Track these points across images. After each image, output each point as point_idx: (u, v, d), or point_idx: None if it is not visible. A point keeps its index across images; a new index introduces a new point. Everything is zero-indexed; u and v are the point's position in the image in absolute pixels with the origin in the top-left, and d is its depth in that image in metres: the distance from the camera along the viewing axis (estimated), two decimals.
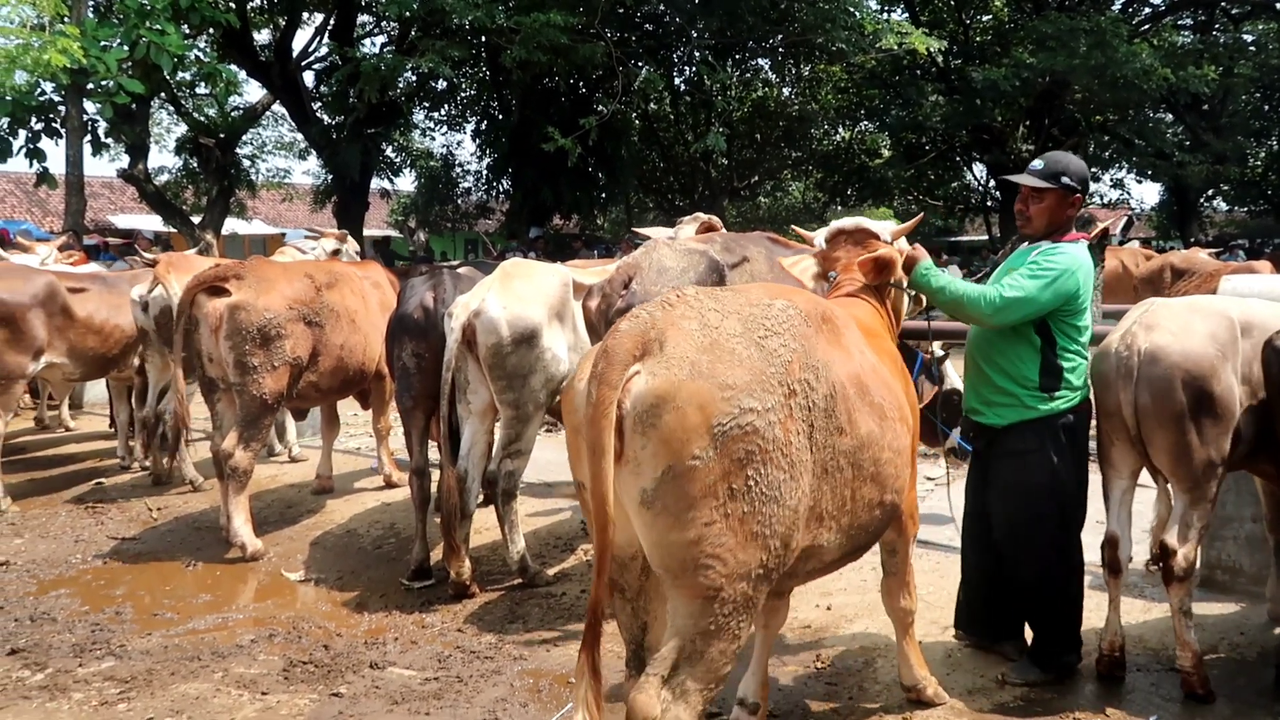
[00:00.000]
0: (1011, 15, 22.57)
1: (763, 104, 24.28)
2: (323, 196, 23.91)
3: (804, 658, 4.53)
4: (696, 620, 2.63)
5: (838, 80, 23.87)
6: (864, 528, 3.14)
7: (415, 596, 5.43)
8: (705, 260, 5.23)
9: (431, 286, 5.82)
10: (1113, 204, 31.99)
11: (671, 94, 23.05)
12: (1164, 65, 18.18)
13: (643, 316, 2.75)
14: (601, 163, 20.32)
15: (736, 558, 2.61)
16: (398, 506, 6.92)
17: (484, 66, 21.39)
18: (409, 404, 5.80)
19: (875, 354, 3.28)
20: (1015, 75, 17.95)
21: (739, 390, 2.61)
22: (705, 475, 2.57)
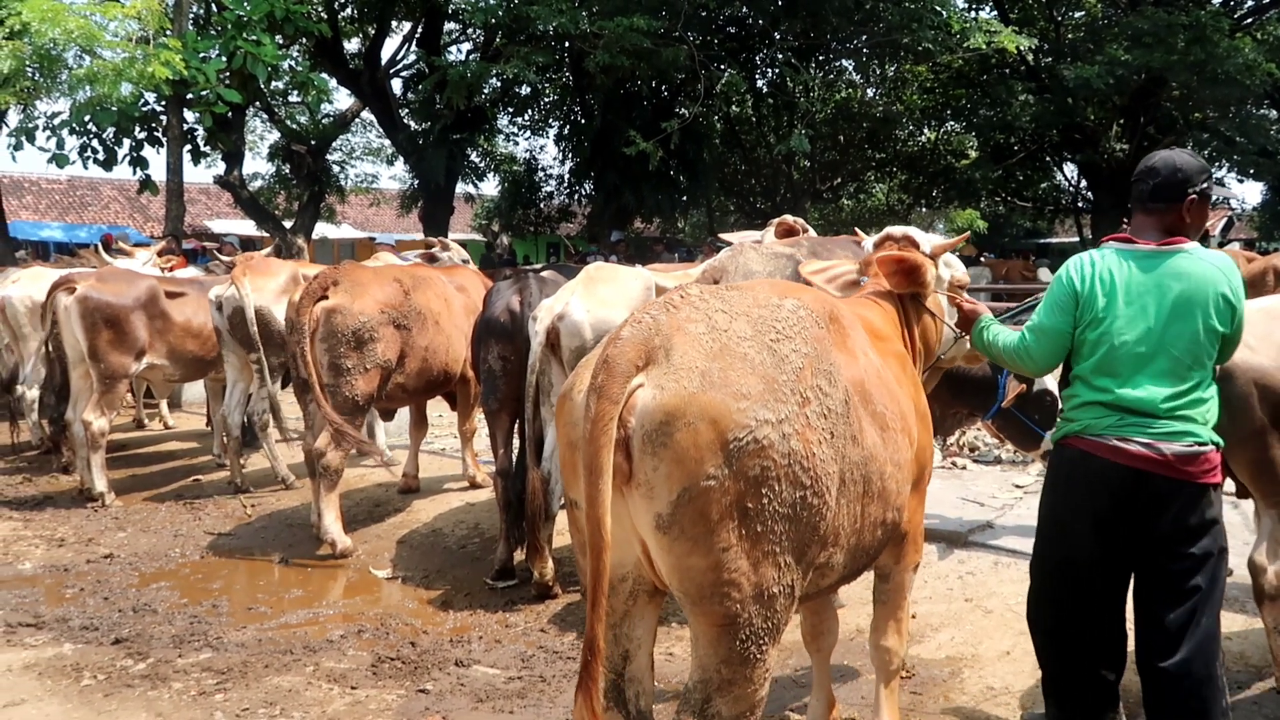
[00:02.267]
0: (1105, 11, 21.96)
1: (846, 105, 24.01)
2: (409, 201, 24.36)
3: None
4: (717, 647, 2.46)
5: (923, 80, 23.51)
6: (867, 549, 2.88)
7: (499, 596, 5.51)
8: (792, 264, 5.19)
9: (517, 290, 5.90)
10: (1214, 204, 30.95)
11: (754, 96, 22.95)
12: (1269, 60, 17.49)
13: (646, 321, 2.50)
14: (683, 166, 20.32)
15: (752, 581, 2.41)
16: (482, 507, 7.01)
17: (567, 72, 21.57)
18: (494, 406, 5.88)
19: (881, 357, 3.09)
20: (1109, 73, 17.43)
21: (753, 401, 2.38)
22: (723, 495, 2.35)
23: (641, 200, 19.80)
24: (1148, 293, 3.14)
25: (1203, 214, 3.27)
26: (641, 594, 2.68)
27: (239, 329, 7.54)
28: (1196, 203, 3.21)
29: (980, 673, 4.39)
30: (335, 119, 21.89)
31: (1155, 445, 3.11)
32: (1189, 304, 3.10)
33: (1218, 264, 3.14)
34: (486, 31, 19.38)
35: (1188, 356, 3.11)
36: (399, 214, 28.00)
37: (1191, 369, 3.12)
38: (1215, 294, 3.10)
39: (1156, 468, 3.13)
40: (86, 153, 15.04)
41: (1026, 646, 4.56)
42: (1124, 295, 3.16)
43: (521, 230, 26.89)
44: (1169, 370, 3.12)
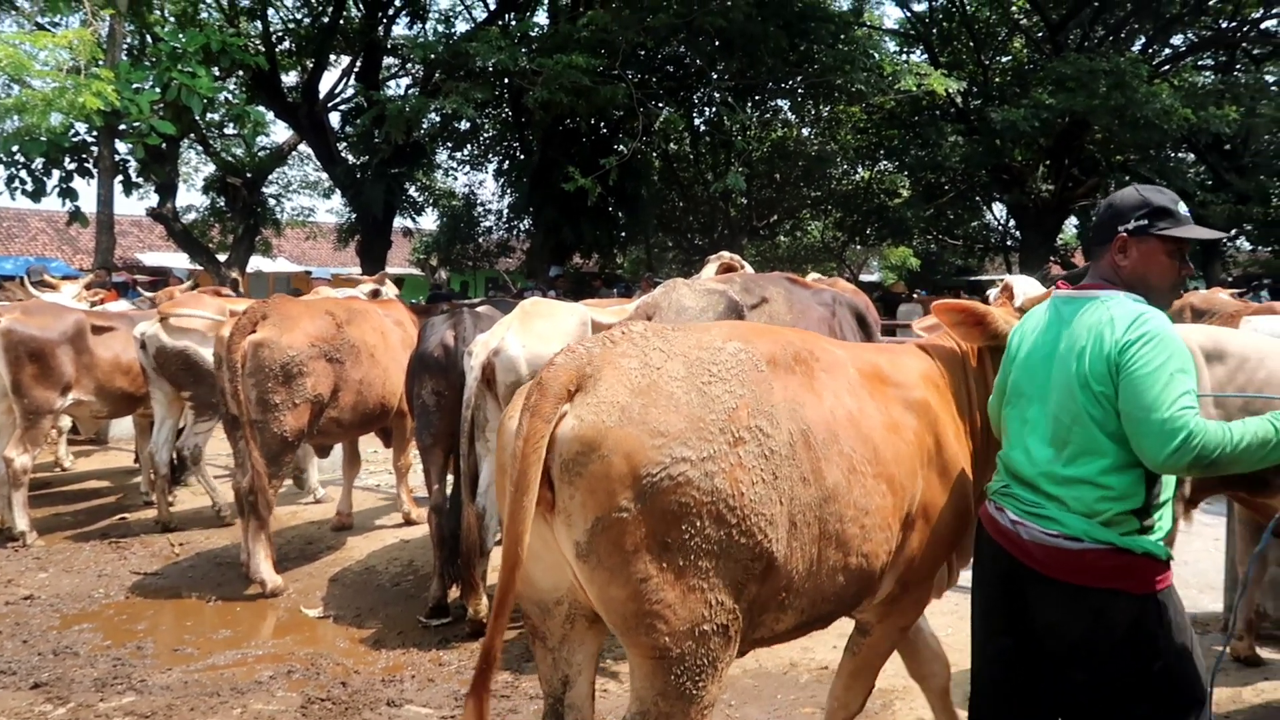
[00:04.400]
0: (1031, 56, 22.71)
1: (782, 144, 24.44)
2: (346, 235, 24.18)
3: (820, 698, 4.50)
4: (651, 681, 2.49)
5: (857, 120, 24.01)
6: (829, 595, 2.79)
7: (433, 634, 5.45)
8: (724, 300, 5.27)
9: (451, 325, 5.90)
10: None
11: (691, 134, 23.27)
12: (1185, 105, 18.18)
13: (580, 352, 2.57)
14: (621, 202, 20.48)
15: (679, 616, 2.43)
16: (416, 543, 6.95)
17: (506, 107, 21.68)
18: (428, 441, 5.86)
19: (871, 401, 2.95)
20: (1035, 116, 17.99)
21: (671, 438, 2.41)
22: (636, 528, 2.38)
23: (580, 236, 19.89)
24: (1046, 346, 2.75)
25: (1145, 256, 2.68)
26: (579, 619, 2.71)
27: (164, 366, 7.43)
28: (1129, 242, 2.68)
29: (911, 704, 4.45)
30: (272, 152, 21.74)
31: (1019, 523, 2.72)
32: (1071, 358, 2.64)
33: (1115, 314, 2.59)
34: (426, 67, 19.43)
35: (1065, 417, 2.65)
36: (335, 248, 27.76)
37: (1071, 433, 2.63)
38: (1096, 349, 2.57)
39: (1017, 552, 2.73)
40: (14, 183, 14.78)
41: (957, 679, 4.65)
42: (1029, 350, 2.83)
43: (460, 265, 26.81)
44: (1050, 434, 2.69)
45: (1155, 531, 2.63)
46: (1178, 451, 2.40)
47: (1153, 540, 2.61)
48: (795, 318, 5.55)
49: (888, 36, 24.21)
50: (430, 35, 20.21)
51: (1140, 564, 2.59)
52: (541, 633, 2.78)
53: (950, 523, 3.09)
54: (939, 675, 3.57)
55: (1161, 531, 2.65)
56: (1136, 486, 2.59)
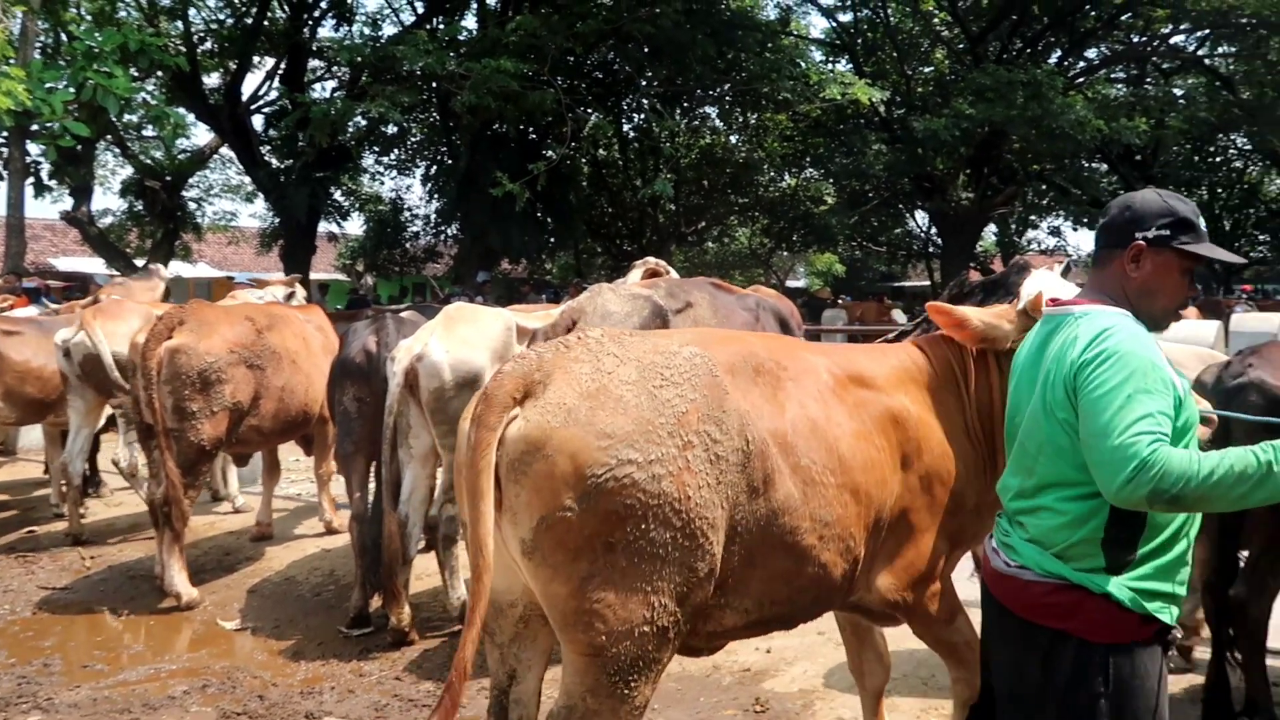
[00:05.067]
0: (952, 67, 23.17)
1: (710, 151, 24.60)
2: (269, 240, 23.76)
3: (743, 700, 4.54)
4: (583, 677, 2.52)
5: (783, 128, 24.27)
6: (782, 601, 2.83)
7: (354, 644, 5.36)
8: (649, 305, 5.29)
9: (374, 331, 5.83)
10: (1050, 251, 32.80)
11: (620, 140, 23.30)
12: (1098, 117, 18.72)
13: (531, 358, 2.62)
14: (550, 208, 20.43)
15: (618, 615, 2.46)
16: (338, 553, 6.84)
17: (434, 112, 21.49)
18: (350, 449, 5.78)
19: (840, 409, 2.93)
20: (955, 125, 18.37)
21: (617, 440, 2.44)
22: (580, 528, 2.42)
23: (508, 241, 19.78)
24: (1028, 369, 2.53)
25: (1159, 270, 2.39)
26: (533, 619, 2.75)
27: (92, 375, 7.20)
28: (1145, 252, 2.38)
29: (831, 704, 4.50)
30: (192, 154, 21.27)
31: (994, 551, 2.56)
32: (1041, 384, 2.43)
33: (1079, 332, 2.34)
34: (352, 69, 19.17)
35: (1031, 445, 2.44)
36: (258, 252, 27.26)
37: (1036, 463, 2.42)
38: (1058, 373, 2.34)
39: (989, 582, 2.58)
40: None
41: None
42: (1018, 370, 2.60)
43: (386, 270, 26.51)
44: (1019, 461, 2.51)
45: (1136, 577, 2.30)
46: (1131, 482, 2.11)
47: (1122, 584, 2.29)
48: (720, 322, 5.59)
49: (814, 46, 24.53)
50: (356, 38, 19.95)
51: (1097, 607, 2.30)
52: (491, 629, 2.80)
53: (936, 524, 3.07)
54: (877, 676, 3.59)
55: (1149, 580, 2.31)
56: (1094, 514, 2.31)
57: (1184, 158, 29.26)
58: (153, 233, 19.63)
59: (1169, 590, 2.35)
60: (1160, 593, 2.33)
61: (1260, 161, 30.04)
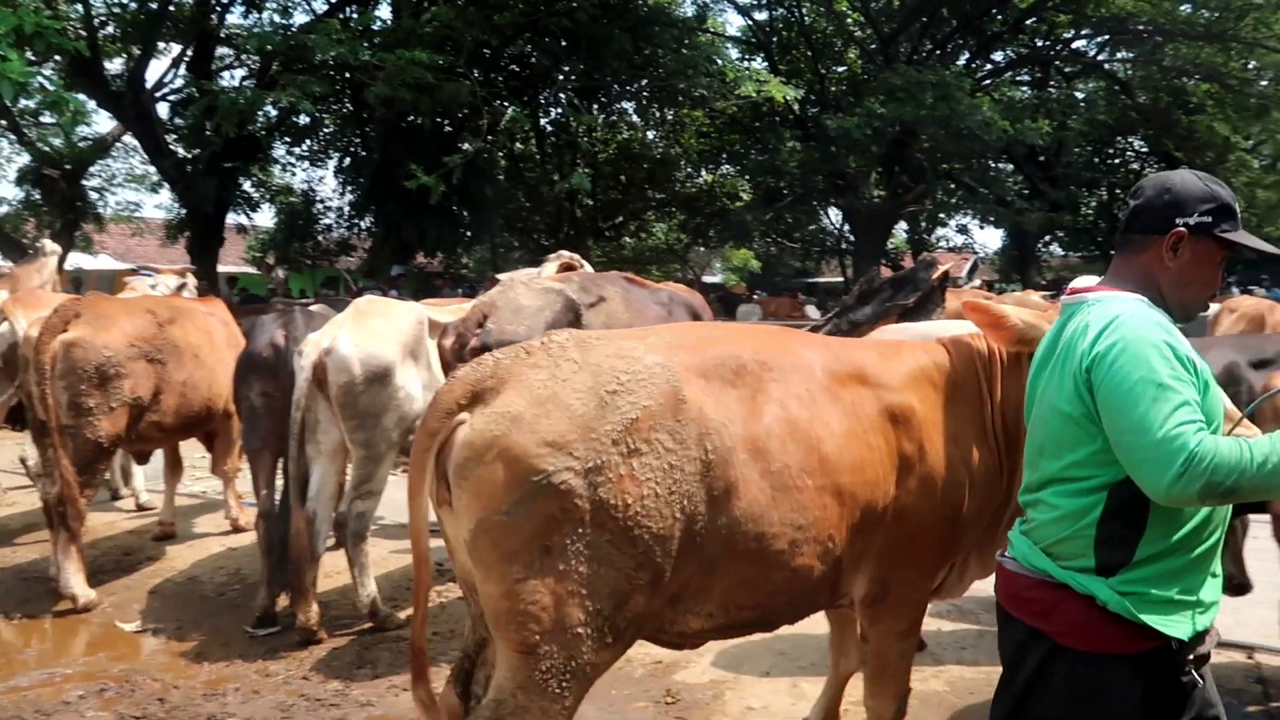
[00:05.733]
0: (864, 67, 23.58)
1: (627, 146, 24.66)
2: (175, 231, 23.08)
3: (654, 693, 4.57)
4: (515, 674, 2.54)
5: (700, 125, 24.44)
6: (743, 605, 2.83)
7: (260, 644, 5.25)
8: (561, 299, 5.29)
9: (282, 324, 5.72)
10: (959, 248, 33.64)
11: (537, 134, 23.20)
12: (1003, 118, 19.24)
13: (487, 363, 2.65)
14: (466, 201, 20.22)
15: (552, 617, 2.48)
16: (244, 551, 6.69)
17: (347, 102, 21.11)
18: (256, 445, 5.67)
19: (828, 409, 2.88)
20: (867, 124, 18.70)
21: (557, 447, 2.47)
22: (516, 531, 2.47)
23: (423, 235, 19.54)
24: (1043, 361, 2.37)
25: (1199, 260, 2.24)
26: None
27: (12, 365, 6.92)
28: (1185, 240, 2.21)
29: (740, 694, 4.56)
30: (94, 143, 20.54)
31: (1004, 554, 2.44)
32: (1050, 376, 2.30)
33: (1090, 320, 2.19)
34: (262, 58, 18.71)
35: (1038, 438, 2.33)
36: (163, 244, 26.44)
37: (1041, 455, 2.31)
38: (1070, 363, 2.19)
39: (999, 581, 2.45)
40: None
41: (785, 667, 4.80)
42: (1036, 365, 2.42)
43: (298, 263, 25.98)
44: (1029, 455, 2.40)
45: (1130, 581, 2.14)
46: (1183, 477, 1.94)
47: (1109, 587, 2.14)
48: (632, 316, 5.61)
49: (730, 43, 24.74)
50: (266, 25, 19.47)
51: (1076, 609, 2.17)
52: (469, 599, 2.93)
53: (937, 528, 3.00)
54: (853, 661, 3.53)
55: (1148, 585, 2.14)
56: (1087, 511, 2.17)
57: (1085, 159, 30.23)
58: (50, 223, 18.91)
59: (1175, 597, 2.14)
60: (1164, 600, 2.13)
61: (1156, 163, 31.14)
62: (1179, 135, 23.82)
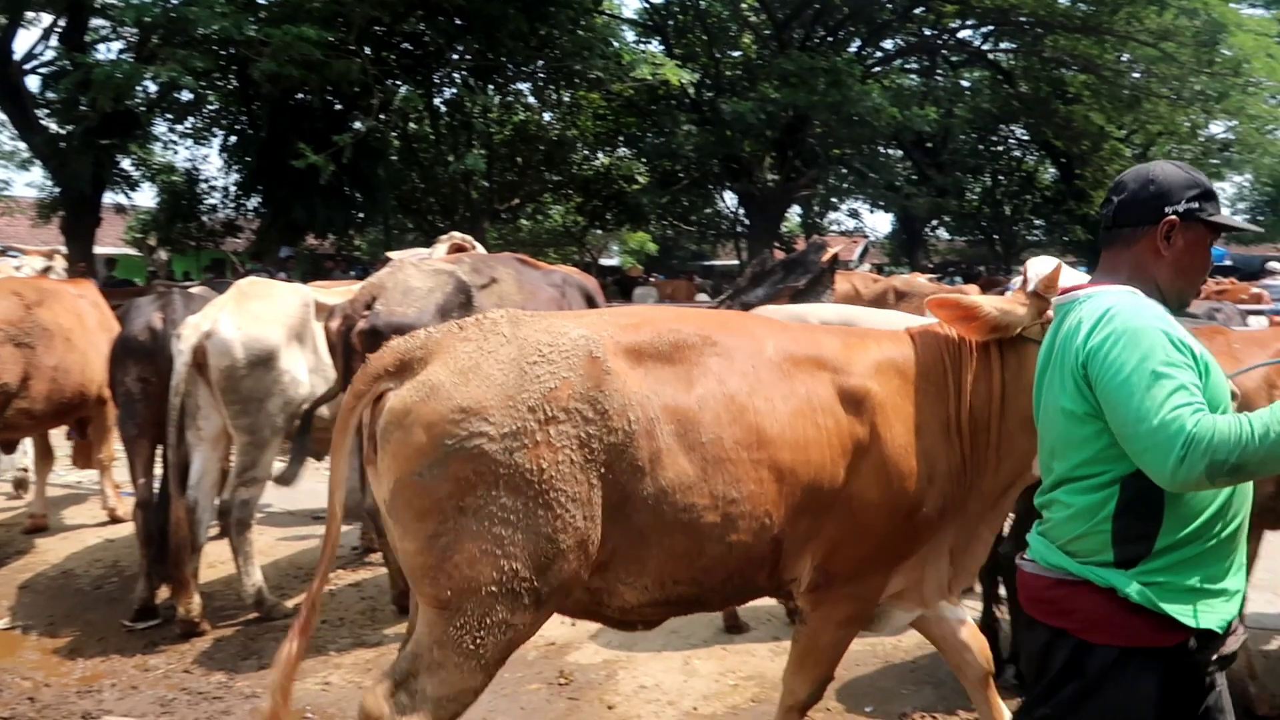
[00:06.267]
0: (759, 52, 23.79)
1: (524, 127, 24.40)
2: (48, 211, 21.99)
3: (547, 674, 4.58)
4: (432, 629, 2.62)
5: (597, 107, 24.32)
6: (679, 579, 2.83)
7: (138, 638, 5.09)
8: (453, 281, 5.22)
9: (159, 307, 5.52)
10: (849, 232, 34.34)
11: (431, 114, 22.78)
12: (892, 105, 19.64)
13: (420, 336, 2.76)
14: (358, 182, 19.75)
15: (464, 574, 2.54)
16: (122, 542, 6.47)
17: (232, 78, 20.39)
18: (133, 432, 5.47)
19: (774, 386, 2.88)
20: (761, 109, 18.88)
21: (472, 413, 2.55)
22: (430, 491, 2.55)
23: (313, 216, 19.02)
24: (1044, 363, 2.37)
25: (1191, 247, 2.27)
26: None
27: None
28: (1178, 228, 2.25)
29: (634, 672, 4.59)
30: None
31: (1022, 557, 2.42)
32: (1051, 373, 2.30)
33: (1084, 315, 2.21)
34: (140, 30, 17.92)
35: (1048, 439, 2.32)
36: (35, 224, 25.20)
37: (1053, 457, 2.29)
38: (1066, 361, 2.21)
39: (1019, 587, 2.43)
40: None
41: (677, 644, 4.85)
42: (1040, 368, 2.40)
43: (182, 245, 25.06)
44: (1043, 457, 2.38)
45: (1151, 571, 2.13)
46: (1184, 461, 1.93)
47: (1131, 578, 2.12)
48: (525, 298, 5.57)
49: (626, 26, 24.66)
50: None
51: (1099, 602, 2.14)
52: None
53: (890, 520, 2.96)
54: (973, 665, 3.36)
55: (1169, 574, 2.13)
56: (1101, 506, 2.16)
57: (970, 146, 31.11)
58: None
59: (1198, 586, 2.13)
60: (1186, 589, 2.12)
61: (1036, 152, 32.32)
62: (1058, 124, 24.66)
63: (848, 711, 4.20)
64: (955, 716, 4.17)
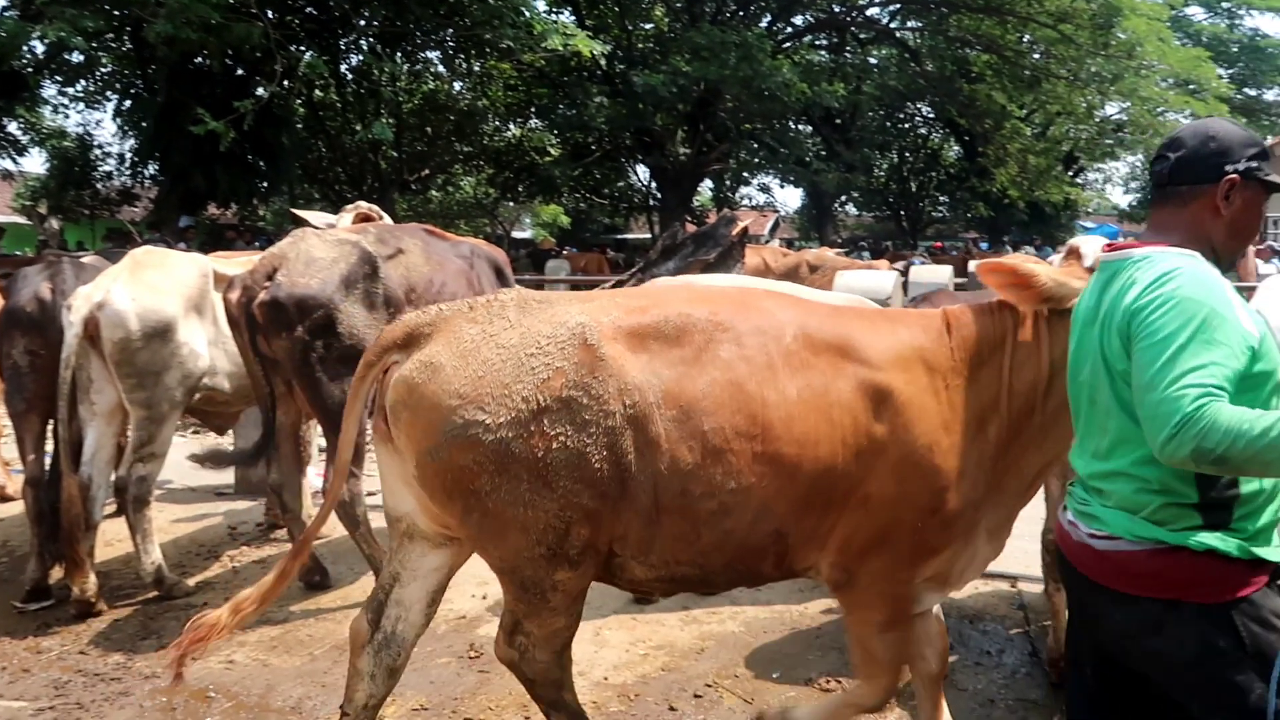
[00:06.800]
0: (671, 25, 23.77)
1: (433, 97, 24.01)
2: None
3: (458, 648, 4.57)
4: (506, 588, 2.88)
5: (508, 77, 24.04)
6: (680, 560, 2.83)
7: (30, 620, 4.93)
8: (357, 252, 5.12)
9: (48, 277, 5.31)
10: (760, 207, 34.65)
11: (337, 82, 22.24)
12: (802, 80, 19.85)
13: (433, 311, 2.85)
14: (261, 150, 19.22)
15: (499, 545, 2.75)
16: (11, 522, 6.25)
17: (126, 40, 19.61)
18: (21, 406, 5.26)
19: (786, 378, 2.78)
20: (673, 82, 18.89)
21: (469, 401, 2.63)
22: (444, 473, 2.68)
23: (214, 184, 18.46)
24: (1088, 322, 2.32)
25: (1248, 206, 2.24)
26: (416, 535, 3.04)
27: None
28: (1239, 187, 2.21)
29: None
30: None
31: (1073, 524, 2.36)
32: (1101, 334, 2.25)
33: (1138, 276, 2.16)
34: None
35: (1101, 401, 2.26)
36: None
37: (1107, 422, 2.25)
38: (1114, 319, 2.17)
39: (1073, 558, 2.38)
40: None
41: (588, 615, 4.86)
42: (1078, 326, 2.39)
43: (75, 213, 24.11)
44: (1094, 423, 2.31)
45: (1236, 530, 2.13)
46: (1174, 439, 1.92)
47: (1226, 536, 2.12)
48: (433, 269, 5.51)
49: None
50: None
51: (1204, 565, 2.11)
52: (390, 531, 3.13)
53: (914, 520, 2.83)
54: (929, 662, 3.27)
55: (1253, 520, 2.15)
56: (1180, 480, 2.12)
57: (877, 123, 31.67)
58: None
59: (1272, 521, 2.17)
60: (1265, 528, 2.16)
61: (941, 129, 33.03)
62: (961, 102, 25.20)
63: (756, 678, 4.27)
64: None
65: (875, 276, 6.20)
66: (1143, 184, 43.87)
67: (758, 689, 4.17)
